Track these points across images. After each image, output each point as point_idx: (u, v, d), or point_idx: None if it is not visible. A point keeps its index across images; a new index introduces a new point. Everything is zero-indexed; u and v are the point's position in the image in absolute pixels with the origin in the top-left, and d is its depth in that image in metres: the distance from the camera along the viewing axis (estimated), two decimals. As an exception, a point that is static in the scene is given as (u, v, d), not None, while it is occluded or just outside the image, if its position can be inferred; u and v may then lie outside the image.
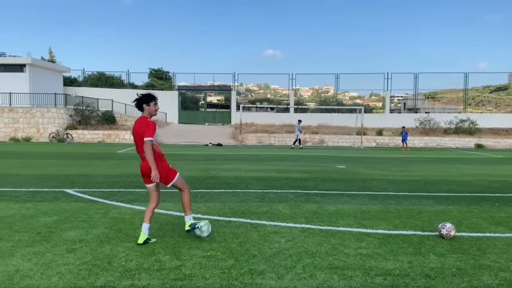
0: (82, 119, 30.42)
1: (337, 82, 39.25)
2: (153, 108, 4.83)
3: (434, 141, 30.23)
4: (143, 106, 4.79)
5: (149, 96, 4.84)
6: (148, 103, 4.80)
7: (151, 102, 4.81)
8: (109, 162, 14.53)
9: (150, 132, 4.62)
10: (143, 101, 4.80)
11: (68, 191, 8.40)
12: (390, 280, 3.89)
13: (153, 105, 4.83)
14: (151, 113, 4.83)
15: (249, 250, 4.72)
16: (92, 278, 3.79)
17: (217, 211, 6.73)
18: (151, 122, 4.70)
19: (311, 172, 12.44)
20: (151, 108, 4.81)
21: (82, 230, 5.45)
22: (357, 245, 4.98)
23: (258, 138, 29.89)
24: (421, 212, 6.90)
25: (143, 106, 4.79)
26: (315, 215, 6.59)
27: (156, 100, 4.88)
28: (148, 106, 4.79)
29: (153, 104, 4.83)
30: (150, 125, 4.66)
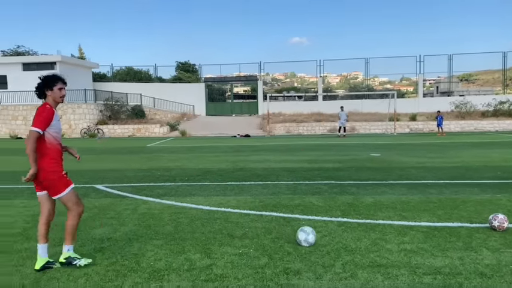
0: (112, 114, 30.85)
1: (367, 67, 38.19)
2: (57, 93, 3.83)
3: (471, 125, 28.94)
4: (45, 92, 3.82)
5: (51, 78, 3.84)
6: (50, 87, 3.80)
7: (55, 86, 3.81)
8: (139, 156, 14.55)
9: (39, 121, 3.67)
10: (44, 85, 3.81)
11: (98, 186, 8.35)
12: (441, 279, 3.53)
13: (57, 90, 3.83)
14: (55, 99, 3.84)
15: (283, 247, 4.45)
16: (119, 280, 3.60)
17: (248, 205, 6.48)
18: (48, 109, 3.74)
19: (344, 161, 12.01)
20: (55, 94, 3.82)
21: (110, 227, 5.32)
22: (399, 240, 4.61)
23: (286, 128, 29.48)
24: (466, 202, 6.43)
25: (45, 92, 3.82)
26: (351, 207, 6.24)
27: (61, 81, 3.86)
28: (52, 91, 3.80)
29: (57, 88, 3.83)
30: (42, 112, 3.70)
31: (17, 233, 5.10)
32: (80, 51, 50.88)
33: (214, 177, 9.28)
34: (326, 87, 46.70)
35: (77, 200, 3.92)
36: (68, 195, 3.85)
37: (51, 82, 3.82)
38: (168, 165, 11.64)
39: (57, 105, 3.88)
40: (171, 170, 10.72)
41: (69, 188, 3.88)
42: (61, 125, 3.95)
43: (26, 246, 4.60)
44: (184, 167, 11.32)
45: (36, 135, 3.66)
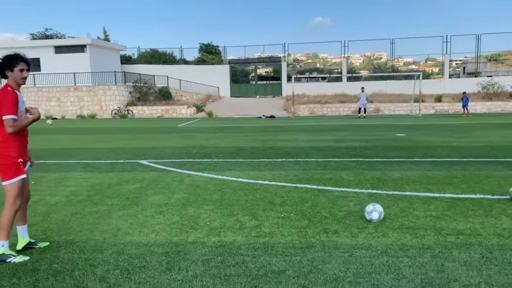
0: (141, 95, 31.78)
1: (392, 48, 37.85)
2: (18, 74, 3.57)
3: (498, 106, 28.63)
4: (5, 72, 3.58)
5: (11, 58, 3.57)
6: (11, 68, 3.55)
7: (15, 67, 3.55)
8: (172, 136, 15.29)
9: (7, 107, 3.46)
10: (3, 65, 3.57)
11: (142, 161, 9.07)
12: (463, 239, 4.03)
13: (18, 71, 3.57)
14: (16, 80, 3.58)
15: (320, 212, 5.01)
16: (184, 235, 4.25)
17: (283, 178, 7.05)
18: (10, 92, 3.52)
19: (370, 141, 12.43)
20: (15, 75, 3.56)
21: (164, 195, 5.99)
22: (425, 208, 5.11)
23: (311, 109, 29.80)
24: (489, 177, 6.83)
25: (5, 72, 3.58)
26: (379, 181, 6.73)
27: (22, 62, 3.59)
28: (12, 72, 3.56)
29: (18, 69, 3.57)
30: (5, 96, 3.48)
31: (83, 200, 5.81)
32: (105, 34, 51.91)
33: (247, 155, 9.89)
34: (349, 68, 46.40)
35: (18, 194, 3.60)
36: (12, 185, 3.58)
37: (11, 62, 3.56)
38: (202, 144, 12.31)
39: (19, 87, 3.64)
40: (206, 148, 11.38)
41: (18, 178, 3.60)
42: (24, 108, 3.72)
43: (95, 209, 5.30)
44: (217, 145, 11.96)
45: (13, 123, 3.50)
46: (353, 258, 3.61)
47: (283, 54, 39.97)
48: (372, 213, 4.60)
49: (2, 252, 3.62)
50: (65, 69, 31.23)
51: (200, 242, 4.04)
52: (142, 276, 3.29)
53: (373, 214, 4.59)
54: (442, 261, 3.52)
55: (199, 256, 3.69)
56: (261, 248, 3.88)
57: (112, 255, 3.73)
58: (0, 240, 3.63)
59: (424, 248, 3.82)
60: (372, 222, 4.56)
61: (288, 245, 3.95)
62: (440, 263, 3.48)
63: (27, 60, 3.63)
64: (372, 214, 4.59)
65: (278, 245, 3.94)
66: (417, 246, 3.87)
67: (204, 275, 3.31)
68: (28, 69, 3.65)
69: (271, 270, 3.37)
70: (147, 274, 3.33)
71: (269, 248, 3.88)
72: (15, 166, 3.58)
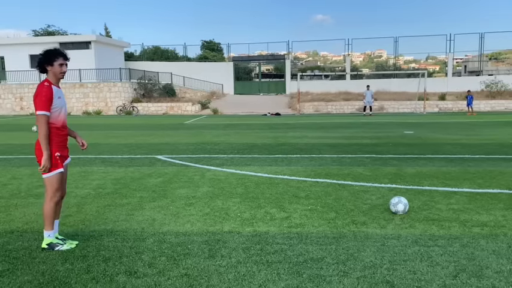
0: (145, 92, 31.91)
1: (395, 46, 37.98)
2: (57, 69, 3.66)
3: (501, 105, 28.80)
4: (45, 67, 3.67)
5: (52, 53, 3.67)
6: (51, 63, 3.64)
7: (55, 61, 3.64)
8: (182, 132, 15.45)
9: (41, 102, 3.54)
10: (44, 60, 3.65)
11: (159, 157, 9.23)
12: (488, 230, 4.21)
13: (58, 65, 3.66)
14: (56, 75, 3.68)
15: (345, 205, 5.18)
16: (219, 225, 4.42)
17: (301, 173, 7.22)
18: (46, 87, 3.60)
19: (380, 138, 12.60)
20: (55, 69, 3.65)
21: (189, 188, 6.15)
22: (446, 201, 5.28)
23: (315, 107, 29.95)
24: (503, 173, 7.00)
25: (45, 67, 3.67)
26: (396, 176, 6.90)
27: (62, 57, 3.67)
28: (52, 66, 3.65)
29: (58, 64, 3.65)
30: (41, 91, 3.56)
31: (111, 192, 5.98)
32: (106, 31, 51.99)
33: (261, 151, 10.05)
34: (351, 66, 46.56)
35: (58, 187, 3.73)
36: (51, 178, 3.68)
37: (52, 57, 3.65)
38: (214, 140, 12.46)
39: (59, 82, 3.73)
40: (218, 144, 11.54)
41: (56, 171, 3.70)
42: (65, 102, 3.81)
43: (126, 201, 5.46)
44: (228, 141, 12.12)
45: (45, 119, 3.56)
46: (386, 247, 3.78)
47: (286, 52, 40.12)
48: (397, 205, 4.76)
49: (49, 241, 3.79)
50: (69, 66, 30.97)
51: (236, 232, 4.21)
52: (188, 263, 3.46)
53: (398, 206, 4.76)
54: (471, 250, 3.69)
55: (238, 244, 3.86)
56: (296, 237, 4.05)
57: (154, 244, 3.90)
58: (46, 230, 3.78)
59: (452, 238, 3.99)
60: (398, 214, 4.73)
61: (321, 234, 4.12)
62: (470, 251, 3.65)
63: (66, 55, 3.71)
64: (397, 206, 4.76)
65: (311, 235, 4.11)
66: (445, 236, 4.04)
67: (247, 261, 3.48)
68: (67, 64, 3.73)
69: (310, 258, 3.54)
70: (192, 260, 3.50)
71: (303, 237, 4.05)
72: (52, 160, 3.65)
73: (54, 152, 3.69)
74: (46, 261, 3.51)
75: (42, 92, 3.55)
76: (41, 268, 3.37)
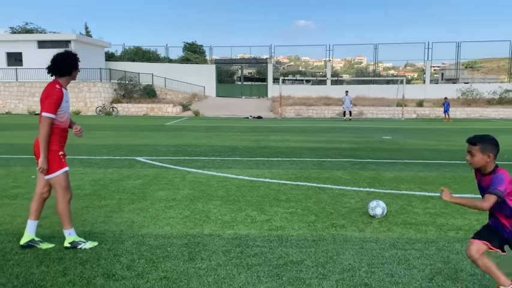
0: (126, 93, 31.50)
1: (375, 53, 38.56)
2: (76, 73, 3.83)
3: (476, 112, 29.57)
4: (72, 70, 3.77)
5: (75, 57, 3.80)
6: (76, 66, 3.78)
7: (77, 65, 3.82)
8: (162, 134, 15.31)
9: (50, 105, 3.57)
10: (72, 64, 3.74)
11: (139, 158, 9.12)
12: (462, 234, 4.31)
13: (75, 72, 3.83)
14: (73, 78, 3.84)
15: (324, 208, 5.23)
16: (199, 228, 4.40)
17: (282, 176, 7.25)
18: (58, 90, 3.63)
19: (359, 143, 12.76)
20: (74, 74, 3.81)
21: (170, 191, 6.10)
22: (423, 206, 5.39)
23: (296, 111, 30.13)
24: (478, 179, 7.17)
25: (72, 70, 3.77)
26: (375, 180, 7.01)
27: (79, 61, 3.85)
28: (76, 70, 3.79)
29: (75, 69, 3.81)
30: (52, 94, 3.60)
31: (89, 194, 5.88)
32: (87, 30, 51.17)
33: (242, 154, 10.05)
34: (331, 72, 47.10)
35: (66, 185, 3.74)
36: (58, 178, 3.68)
37: (77, 61, 3.76)
38: (195, 142, 12.40)
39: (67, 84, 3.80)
40: (199, 146, 11.49)
41: (62, 170, 3.70)
42: (69, 104, 3.83)
43: (104, 203, 5.38)
44: (210, 144, 12.08)
45: (49, 121, 3.58)
46: (364, 250, 3.83)
47: (269, 56, 40.29)
48: (375, 209, 4.84)
49: (72, 240, 3.78)
50: (48, 65, 30.59)
51: (216, 235, 4.20)
52: (167, 265, 3.43)
53: (376, 210, 4.83)
54: (447, 253, 3.77)
55: (218, 247, 3.85)
56: (276, 240, 4.07)
57: (133, 246, 3.86)
58: (66, 229, 3.81)
59: (428, 241, 4.08)
60: (376, 218, 4.81)
61: (301, 237, 4.15)
62: (445, 255, 3.74)
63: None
64: (375, 210, 4.84)
65: (291, 238, 4.13)
66: (422, 240, 4.12)
67: (227, 264, 3.47)
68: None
69: (290, 261, 3.56)
70: (171, 263, 3.47)
71: (283, 240, 4.07)
72: (57, 159, 3.66)
73: (58, 151, 3.69)
74: (21, 264, 3.43)
75: (53, 94, 3.58)
76: (15, 271, 3.29)
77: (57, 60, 3.70)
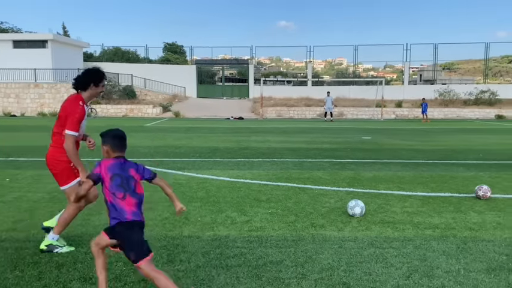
0: (104, 93, 31.02)
1: (355, 54, 39.05)
2: (99, 90, 3.80)
3: (453, 113, 30.24)
4: (90, 85, 3.71)
5: (102, 74, 3.78)
6: (100, 83, 3.75)
7: (101, 83, 3.77)
8: (142, 135, 15.14)
9: (74, 123, 3.56)
10: (96, 79, 3.71)
11: (118, 160, 8.99)
12: (439, 232, 4.40)
13: (101, 87, 3.81)
14: (94, 95, 3.82)
15: (304, 208, 5.26)
16: (178, 230, 4.37)
17: (263, 177, 7.26)
18: (81, 108, 3.63)
19: (339, 143, 12.89)
20: (98, 90, 3.79)
21: (148, 192, 5.96)
22: (401, 205, 5.47)
23: (278, 112, 30.24)
24: (454, 177, 7.34)
25: (90, 85, 3.71)
26: (354, 180, 7.09)
27: (105, 79, 3.84)
28: (97, 87, 3.75)
29: (102, 85, 3.80)
30: (76, 111, 3.58)
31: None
32: (64, 30, 50.26)
33: (223, 155, 10.03)
34: (312, 73, 47.47)
35: (80, 196, 3.62)
36: (73, 188, 3.68)
37: (102, 78, 3.75)
38: (175, 143, 12.31)
39: (89, 102, 3.82)
40: (180, 147, 11.41)
41: (76, 180, 3.72)
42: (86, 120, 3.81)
43: (82, 206, 5.28)
44: (190, 145, 12.01)
45: (73, 139, 3.59)
46: (343, 249, 3.87)
47: (250, 57, 40.31)
48: (354, 208, 4.89)
49: (50, 243, 3.72)
50: (24, 65, 30.02)
51: (196, 236, 4.18)
52: (146, 268, 3.38)
53: (355, 209, 4.89)
54: (423, 251, 3.84)
55: (197, 249, 3.83)
56: (256, 241, 4.07)
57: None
58: (54, 233, 3.76)
59: (406, 240, 4.15)
60: (355, 217, 4.86)
61: (280, 238, 4.17)
62: (422, 253, 3.80)
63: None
64: (354, 209, 4.89)
65: (271, 238, 4.14)
66: (399, 238, 4.19)
67: (206, 265, 3.46)
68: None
69: (270, 261, 3.57)
70: (150, 266, 3.43)
71: (263, 241, 4.07)
72: (67, 170, 3.68)
73: (69, 162, 3.68)
74: (-6, 269, 3.34)
75: (76, 112, 3.57)
76: (-12, 276, 3.21)
77: (81, 74, 3.76)
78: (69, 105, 3.63)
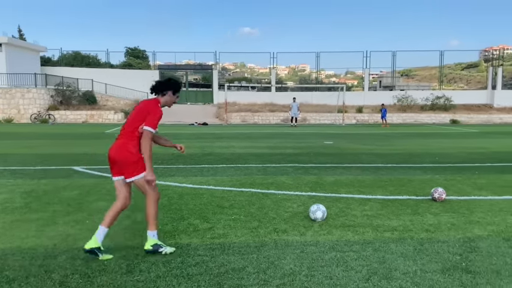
0: (63, 99, 30.04)
1: (317, 61, 39.73)
2: (174, 99, 4.08)
3: (411, 118, 31.37)
4: (167, 92, 3.98)
5: (179, 86, 4.10)
6: (177, 92, 4.06)
7: (178, 93, 4.07)
8: (103, 142, 14.73)
9: (155, 121, 3.82)
10: (171, 87, 3.99)
11: (77, 168, 8.71)
12: (397, 234, 4.53)
13: (176, 97, 4.10)
14: (168, 103, 4.06)
15: (267, 214, 5.27)
16: (139, 239, 4.26)
17: (227, 183, 7.24)
18: (160, 110, 3.91)
19: (302, 148, 13.05)
20: (172, 99, 4.05)
21: (109, 201, 5.85)
22: (361, 208, 5.59)
23: (242, 117, 30.30)
24: (411, 181, 7.59)
25: (167, 92, 3.98)
26: (316, 184, 7.19)
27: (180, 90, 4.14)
28: (173, 95, 4.04)
29: (177, 96, 4.11)
30: (157, 112, 3.85)
31: (20, 207, 5.52)
32: (20, 33, 48.27)
33: (187, 161, 9.91)
34: (276, 79, 47.93)
35: (153, 187, 3.93)
36: (143, 179, 3.88)
37: (178, 88, 4.03)
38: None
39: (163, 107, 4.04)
40: (142, 154, 11.16)
41: (142, 174, 3.90)
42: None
43: (36, 216, 5.07)
44: (153, 151, 11.75)
45: (151, 135, 3.83)
46: (305, 254, 3.91)
47: (214, 62, 40.22)
48: (316, 213, 4.95)
49: (154, 243, 3.85)
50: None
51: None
52: (103, 279, 3.29)
53: (317, 213, 4.95)
54: (382, 253, 3.94)
55: (158, 258, 3.76)
56: (218, 248, 4.04)
57: (67, 260, 3.66)
58: (151, 230, 3.90)
59: (365, 243, 4.23)
60: (317, 221, 4.92)
61: (243, 244, 4.15)
62: (381, 255, 3.90)
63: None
64: (316, 213, 4.95)
65: (234, 245, 4.12)
66: (359, 241, 4.27)
67: (166, 275, 3.39)
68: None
69: (232, 268, 3.54)
70: (108, 277, 3.34)
71: (225, 248, 4.05)
72: (141, 161, 3.85)
73: (139, 153, 3.87)
74: None
75: (157, 112, 3.84)
76: None
77: (161, 80, 4.06)
78: (150, 105, 3.89)
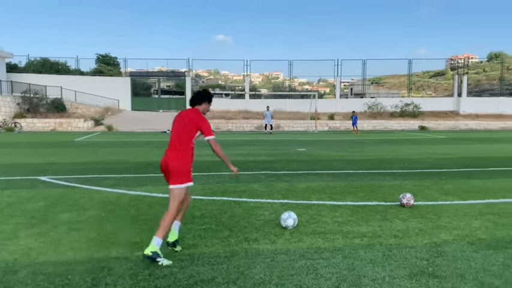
0: (30, 107, 29.14)
1: (290, 69, 40.12)
2: (208, 107, 4.44)
3: (381, 124, 32.03)
4: (203, 102, 4.32)
5: (212, 95, 4.49)
6: (209, 101, 4.40)
7: (211, 102, 4.44)
8: (71, 150, 14.36)
9: (209, 128, 4.17)
10: (207, 97, 4.36)
11: (42, 178, 8.43)
12: (366, 240, 4.57)
13: (209, 105, 4.45)
14: (204, 112, 4.36)
15: (239, 222, 5.24)
16: (105, 251, 4.14)
17: (199, 192, 7.15)
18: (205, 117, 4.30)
19: (275, 155, 13.09)
20: (207, 107, 4.40)
21: (75, 212, 5.69)
22: (332, 215, 5.63)
23: (216, 125, 30.14)
24: (381, 186, 7.72)
25: (203, 102, 4.32)
26: (288, 191, 7.20)
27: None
28: (208, 104, 4.39)
29: (210, 104, 4.47)
30: (205, 120, 4.20)
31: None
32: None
33: (157, 170, 9.60)
34: (250, 86, 48.08)
35: (182, 200, 4.08)
36: (181, 190, 4.02)
37: (211, 98, 4.44)
38: (106, 159, 11.80)
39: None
40: (111, 163, 10.94)
41: (186, 184, 4.05)
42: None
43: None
44: (123, 160, 11.57)
45: (216, 140, 4.19)
46: (275, 262, 3.89)
47: (187, 69, 39.99)
48: (287, 220, 4.95)
49: (155, 250, 3.83)
50: None
51: (124, 257, 3.99)
52: (67, 295, 3.17)
53: (288, 221, 4.95)
54: (352, 260, 3.96)
55: (125, 271, 3.66)
56: (187, 259, 3.97)
57: (28, 276, 3.51)
58: (157, 236, 3.88)
59: (335, 250, 4.26)
60: (288, 229, 4.92)
61: (213, 254, 4.10)
62: (350, 262, 3.92)
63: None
64: (287, 221, 4.95)
65: (203, 255, 4.06)
66: (329, 248, 4.29)
67: (133, 288, 3.30)
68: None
69: (201, 279, 3.48)
70: (72, 292, 3.22)
71: (195, 258, 3.98)
72: (188, 173, 4.05)
73: (191, 166, 4.12)
74: None
75: (205, 120, 4.15)
76: None
77: (196, 93, 4.38)
78: (196, 118, 4.14)
